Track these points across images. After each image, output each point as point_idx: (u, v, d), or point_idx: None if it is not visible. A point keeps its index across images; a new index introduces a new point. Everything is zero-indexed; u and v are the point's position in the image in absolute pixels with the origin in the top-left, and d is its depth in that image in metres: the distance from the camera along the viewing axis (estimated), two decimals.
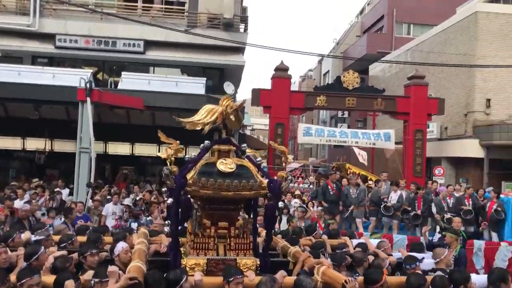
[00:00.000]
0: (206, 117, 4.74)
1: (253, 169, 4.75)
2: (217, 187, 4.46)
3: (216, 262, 4.62)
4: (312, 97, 17.54)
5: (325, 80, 37.47)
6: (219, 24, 18.46)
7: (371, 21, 33.68)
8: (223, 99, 4.86)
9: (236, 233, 4.79)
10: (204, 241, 4.70)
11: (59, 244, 5.49)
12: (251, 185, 4.56)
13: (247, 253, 4.81)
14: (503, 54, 18.05)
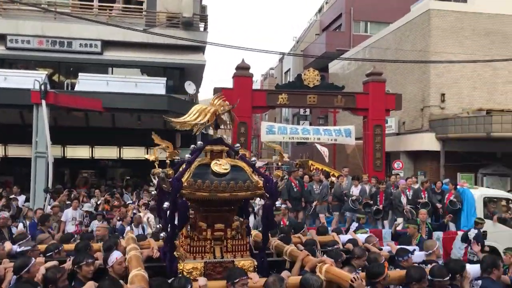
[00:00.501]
0: (199, 117, 4.59)
1: (247, 169, 4.64)
2: (214, 189, 4.34)
3: (213, 265, 4.52)
4: (274, 95, 17.64)
5: (286, 78, 37.79)
6: (178, 23, 18.25)
7: (330, 19, 34.24)
8: (214, 98, 4.76)
9: (233, 235, 4.69)
10: (201, 244, 4.58)
11: (45, 253, 5.21)
12: (248, 185, 4.47)
13: (244, 255, 4.72)
14: (455, 50, 18.77)
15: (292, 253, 5.27)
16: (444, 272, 4.68)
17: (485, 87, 19.11)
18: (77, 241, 6.00)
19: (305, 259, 4.93)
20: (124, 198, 12.93)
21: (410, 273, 4.60)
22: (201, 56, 18.96)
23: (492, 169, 18.29)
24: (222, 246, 4.64)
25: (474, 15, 19.22)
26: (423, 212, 9.68)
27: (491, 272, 4.99)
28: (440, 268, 4.78)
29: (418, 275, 4.54)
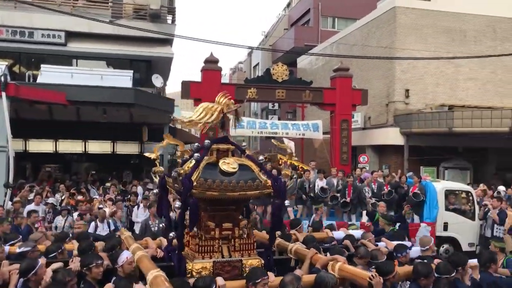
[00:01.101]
0: (206, 116, 4.57)
1: (255, 168, 4.61)
2: (223, 188, 4.27)
3: (222, 264, 4.48)
4: (243, 89, 17.63)
5: (255, 73, 37.81)
6: (145, 15, 17.95)
7: (298, 14, 34.43)
8: (220, 96, 4.72)
9: (240, 234, 4.66)
10: (209, 244, 4.52)
11: (47, 254, 5.03)
12: (257, 184, 4.44)
13: (251, 253, 4.69)
14: (419, 47, 19.24)
15: (297, 251, 5.24)
16: (449, 268, 4.80)
17: (447, 84, 19.70)
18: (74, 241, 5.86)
19: (314, 257, 4.93)
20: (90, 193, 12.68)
21: (418, 269, 4.70)
22: (169, 48, 18.73)
23: (453, 163, 18.94)
24: (230, 245, 4.60)
25: (437, 13, 19.74)
26: (382, 205, 9.99)
27: (489, 267, 5.21)
28: (446, 265, 4.89)
29: (426, 270, 4.65)
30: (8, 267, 4.49)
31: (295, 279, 4.04)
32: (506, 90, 20.20)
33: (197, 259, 4.45)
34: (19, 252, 5.09)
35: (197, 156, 4.49)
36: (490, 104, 19.01)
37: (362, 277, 4.25)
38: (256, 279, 4.01)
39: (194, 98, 17.41)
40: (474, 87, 19.94)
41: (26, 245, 5.22)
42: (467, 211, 11.62)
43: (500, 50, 19.47)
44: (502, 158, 19.46)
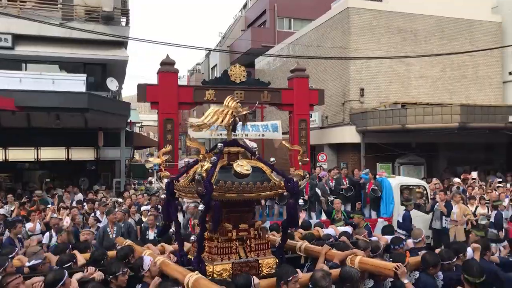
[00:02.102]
0: (218, 119, 4.58)
1: (266, 169, 4.72)
2: (241, 190, 4.35)
3: (240, 265, 4.55)
4: (201, 91, 17.53)
5: (213, 74, 37.65)
6: (98, 17, 17.48)
7: (254, 15, 34.58)
8: (229, 100, 4.74)
9: (255, 234, 4.75)
10: (227, 245, 4.59)
11: (61, 265, 4.86)
12: (271, 185, 4.55)
13: (266, 253, 4.78)
14: (372, 46, 19.78)
15: (308, 249, 5.35)
16: (451, 255, 5.13)
17: (399, 82, 20.35)
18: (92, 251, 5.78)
19: (328, 253, 5.05)
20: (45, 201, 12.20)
21: (426, 259, 4.92)
22: (124, 51, 18.34)
23: (407, 158, 19.59)
24: (246, 246, 4.68)
25: (389, 14, 20.37)
26: (337, 202, 10.23)
27: (485, 254, 5.52)
28: (448, 252, 5.22)
29: (434, 260, 4.88)
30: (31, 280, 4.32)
31: (326, 274, 4.10)
32: (454, 87, 21.11)
33: (217, 261, 4.50)
34: (29, 265, 4.93)
35: (214, 159, 4.51)
36: (440, 101, 19.80)
37: (387, 268, 4.44)
38: (287, 277, 4.04)
39: (151, 101, 17.15)
40: (425, 84, 20.70)
41: (36, 257, 5.04)
42: (421, 205, 12.01)
43: (448, 49, 20.31)
44: (453, 153, 20.33)
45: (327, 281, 4.02)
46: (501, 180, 15.88)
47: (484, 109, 17.55)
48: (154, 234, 8.66)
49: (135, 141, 19.33)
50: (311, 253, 5.30)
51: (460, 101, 19.57)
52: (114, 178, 17.49)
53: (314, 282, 4.04)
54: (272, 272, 4.63)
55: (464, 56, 20.60)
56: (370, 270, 4.62)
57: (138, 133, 26.07)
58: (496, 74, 21.68)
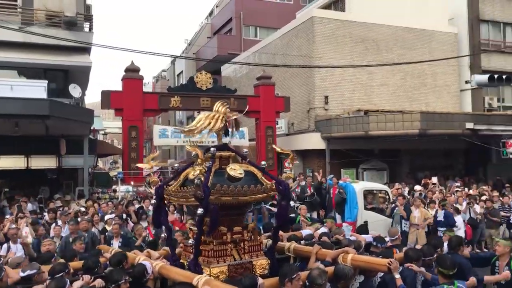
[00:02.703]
0: (210, 124, 4.73)
1: (257, 172, 4.85)
2: (236, 193, 4.47)
3: (235, 267, 4.65)
4: (166, 98, 17.42)
5: (179, 81, 37.41)
6: (60, 23, 17.08)
7: (221, 23, 34.68)
8: (218, 105, 4.86)
9: (249, 236, 4.85)
10: (223, 248, 4.67)
11: (53, 275, 4.69)
12: (264, 188, 4.68)
13: (259, 255, 4.89)
14: (336, 55, 20.22)
15: (297, 249, 5.48)
16: (432, 251, 5.56)
17: (362, 90, 20.86)
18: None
19: (320, 252, 5.18)
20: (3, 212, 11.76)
21: (409, 254, 5.22)
22: (87, 57, 17.96)
23: (370, 164, 20.06)
24: (239, 248, 4.78)
25: (352, 24, 20.89)
26: (303, 208, 10.41)
27: (459, 249, 5.89)
28: (429, 248, 5.69)
29: (416, 255, 5.21)
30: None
31: (322, 272, 4.23)
32: (414, 95, 21.83)
33: (213, 264, 4.57)
34: (24, 276, 4.77)
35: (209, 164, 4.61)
36: (401, 108, 20.43)
37: (380, 264, 4.66)
38: (292, 275, 4.15)
39: (115, 108, 16.89)
40: (387, 92, 21.31)
41: (30, 267, 4.86)
42: (384, 209, 12.33)
43: (408, 58, 21.01)
44: (414, 159, 20.99)
45: (323, 279, 4.18)
46: (459, 185, 16.52)
47: (442, 116, 18.23)
48: (118, 243, 8.50)
49: (98, 148, 18.93)
50: (301, 253, 5.45)
51: (420, 109, 20.26)
52: (77, 186, 17.04)
53: (312, 280, 4.18)
54: (266, 273, 4.75)
55: (423, 65, 21.38)
56: (363, 266, 4.81)
57: (101, 141, 25.53)
58: (453, 83, 22.58)
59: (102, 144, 21.87)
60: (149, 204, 12.07)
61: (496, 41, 22.96)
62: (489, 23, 22.89)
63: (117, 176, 16.01)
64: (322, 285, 4.16)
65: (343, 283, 4.48)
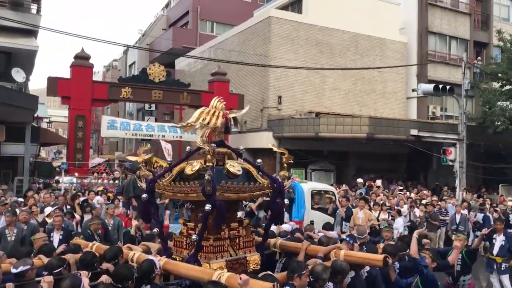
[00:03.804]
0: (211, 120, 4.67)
1: (252, 170, 4.89)
2: (238, 190, 4.50)
3: (232, 262, 4.72)
4: (117, 88, 16.94)
5: (131, 72, 36.47)
6: (5, 2, 16.16)
7: (177, 15, 34.14)
8: (216, 101, 4.84)
9: (244, 232, 4.94)
10: (221, 244, 4.72)
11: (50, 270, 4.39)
12: (262, 185, 4.76)
13: (252, 250, 4.98)
14: (291, 56, 20.46)
15: (283, 245, 5.55)
16: (405, 247, 5.88)
17: (314, 92, 21.24)
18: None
19: (310, 248, 5.26)
20: None
21: (388, 250, 5.44)
22: (33, 41, 17.10)
23: (319, 165, 20.48)
24: (234, 243, 4.84)
25: (308, 26, 21.20)
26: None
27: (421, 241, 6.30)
28: (403, 244, 6.06)
29: (394, 251, 5.51)
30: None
31: (326, 267, 4.40)
32: (364, 100, 22.51)
33: (213, 260, 4.60)
34: (17, 272, 4.37)
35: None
36: (351, 112, 21.00)
37: (376, 259, 4.84)
38: (301, 270, 4.24)
39: (62, 96, 16.22)
40: (338, 96, 21.82)
41: (23, 263, 4.44)
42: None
43: (360, 64, 21.64)
44: (361, 161, 21.65)
45: (327, 274, 4.33)
46: (402, 188, 17.23)
47: (389, 122, 18.94)
48: (59, 236, 8.15)
49: (42, 137, 18.08)
50: (287, 249, 5.54)
51: (369, 113, 20.91)
52: (16, 176, 16.20)
53: (316, 275, 4.29)
54: (258, 268, 4.83)
55: (374, 72, 22.09)
56: (356, 262, 4.94)
57: (45, 129, 24.41)
58: (401, 90, 23.49)
59: (46, 133, 20.91)
60: (93, 196, 11.70)
61: (442, 53, 24.12)
62: (437, 35, 24.00)
63: (60, 166, 15.35)
64: (325, 279, 4.33)
65: (339, 278, 4.62)
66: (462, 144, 17.11)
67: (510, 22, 26.07)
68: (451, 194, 16.62)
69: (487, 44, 25.50)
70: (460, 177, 16.94)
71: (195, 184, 4.43)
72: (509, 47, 19.56)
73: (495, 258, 8.35)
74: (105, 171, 21.03)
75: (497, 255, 8.32)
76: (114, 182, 15.78)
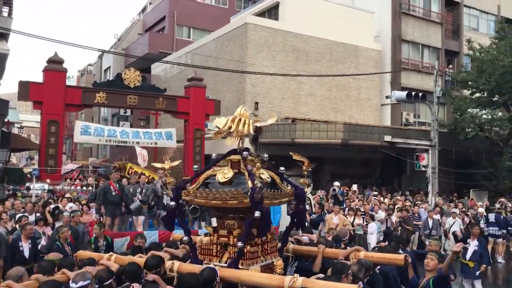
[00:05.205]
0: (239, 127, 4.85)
1: (276, 177, 5.10)
2: (272, 197, 4.68)
3: (263, 268, 4.80)
4: (91, 93, 16.69)
5: (106, 76, 35.99)
6: None
7: (153, 20, 33.93)
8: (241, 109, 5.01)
9: (270, 238, 5.05)
10: (256, 250, 4.79)
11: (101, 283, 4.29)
12: (288, 192, 4.98)
13: (276, 255, 5.11)
14: (268, 63, 20.57)
15: (296, 249, 5.68)
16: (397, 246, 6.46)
17: (291, 99, 21.39)
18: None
19: (327, 251, 5.51)
20: None
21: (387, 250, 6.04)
22: (4, 44, 16.68)
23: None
24: (263, 249, 4.95)
25: (284, 33, 21.37)
26: None
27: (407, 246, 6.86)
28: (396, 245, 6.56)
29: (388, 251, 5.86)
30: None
31: (361, 267, 4.74)
32: (339, 107, 22.79)
33: (251, 266, 4.66)
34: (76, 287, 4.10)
35: (250, 168, 4.76)
36: (326, 119, 21.22)
37: (396, 259, 5.25)
38: (348, 271, 4.52)
39: (34, 101, 15.89)
40: (314, 102, 22.03)
41: (83, 278, 4.16)
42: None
43: (335, 71, 21.91)
44: (335, 167, 21.85)
45: (363, 272, 4.69)
46: (377, 193, 17.47)
47: (364, 128, 19.20)
48: (29, 245, 7.90)
49: (12, 142, 17.62)
50: (300, 253, 5.68)
51: (344, 120, 21.17)
52: None
53: (354, 274, 4.60)
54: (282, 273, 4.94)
55: (348, 79, 22.41)
56: (377, 262, 5.25)
57: (16, 134, 23.82)
58: (375, 97, 23.88)
59: (17, 138, 20.39)
60: (66, 203, 11.43)
61: (415, 61, 24.67)
62: (410, 44, 24.54)
63: (32, 173, 14.98)
64: (361, 278, 4.67)
65: (366, 274, 4.93)
66: (434, 150, 17.50)
67: (479, 32, 26.88)
68: (423, 199, 16.95)
69: (458, 52, 26.23)
70: (433, 182, 17.31)
71: (236, 191, 4.46)
72: (478, 56, 20.15)
73: (468, 262, 8.53)
74: (78, 177, 20.62)
75: (470, 259, 8.50)
76: (88, 189, 15.48)
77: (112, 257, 5.10)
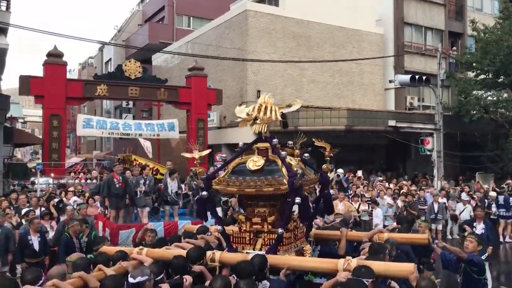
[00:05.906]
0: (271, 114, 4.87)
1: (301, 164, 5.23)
2: (305, 183, 4.72)
3: (297, 253, 4.95)
4: (92, 86, 16.62)
5: (107, 68, 35.86)
6: None
7: (153, 10, 33.66)
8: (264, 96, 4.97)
9: (298, 224, 5.18)
10: (290, 235, 4.92)
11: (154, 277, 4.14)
12: (314, 179, 5.15)
13: (304, 241, 5.28)
14: (269, 50, 20.36)
15: (318, 234, 5.79)
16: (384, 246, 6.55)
17: (293, 85, 21.21)
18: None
19: (351, 234, 5.71)
20: None
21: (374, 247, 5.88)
22: (3, 39, 16.59)
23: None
24: (295, 235, 5.05)
25: (285, 19, 21.11)
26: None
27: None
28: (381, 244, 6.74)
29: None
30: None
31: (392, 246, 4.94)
32: (342, 92, 22.59)
33: (288, 251, 4.79)
34: (134, 282, 3.98)
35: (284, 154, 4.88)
36: (329, 105, 21.05)
37: (421, 238, 5.55)
38: (385, 250, 4.66)
39: (35, 95, 15.84)
40: (316, 89, 21.84)
41: (141, 273, 4.05)
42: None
43: (337, 56, 21.67)
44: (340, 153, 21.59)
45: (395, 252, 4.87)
46: (382, 179, 17.38)
47: (367, 113, 19.05)
48: (38, 239, 7.92)
49: (16, 137, 17.64)
50: (321, 237, 5.81)
51: (347, 105, 21.00)
52: None
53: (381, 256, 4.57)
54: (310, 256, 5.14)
55: (351, 64, 22.16)
56: (401, 242, 5.43)
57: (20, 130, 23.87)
58: (378, 82, 23.64)
59: (21, 133, 20.42)
60: (71, 196, 11.43)
61: (418, 44, 24.36)
62: (413, 26, 24.21)
63: (36, 167, 14.98)
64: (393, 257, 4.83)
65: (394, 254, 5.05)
66: (439, 133, 17.35)
67: (483, 12, 26.47)
68: (429, 183, 16.85)
69: (462, 34, 25.86)
70: (438, 166, 17.19)
71: (273, 178, 4.56)
72: (482, 37, 19.86)
73: None
74: (82, 170, 20.64)
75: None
76: (92, 182, 15.49)
77: (143, 251, 4.99)
